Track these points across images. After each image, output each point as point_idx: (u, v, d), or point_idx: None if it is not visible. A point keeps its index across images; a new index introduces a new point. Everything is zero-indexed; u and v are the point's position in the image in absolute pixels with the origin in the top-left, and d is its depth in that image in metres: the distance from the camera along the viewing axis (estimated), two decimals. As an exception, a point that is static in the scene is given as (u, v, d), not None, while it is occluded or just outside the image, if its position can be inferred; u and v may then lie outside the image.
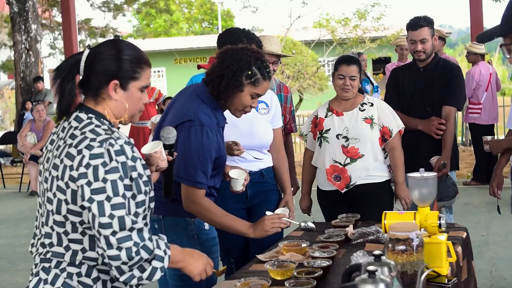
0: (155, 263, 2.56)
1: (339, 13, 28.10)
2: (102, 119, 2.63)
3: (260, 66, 3.54)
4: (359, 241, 3.81)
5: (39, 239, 2.67)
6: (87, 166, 2.47)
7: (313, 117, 5.11)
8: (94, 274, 2.59)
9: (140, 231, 2.51)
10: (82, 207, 2.50)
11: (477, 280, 4.14)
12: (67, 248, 2.57)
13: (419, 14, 5.65)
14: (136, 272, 2.52)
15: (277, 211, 4.05)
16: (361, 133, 4.85)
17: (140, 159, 2.60)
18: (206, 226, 3.70)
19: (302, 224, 3.75)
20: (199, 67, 4.89)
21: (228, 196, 4.02)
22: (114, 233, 2.45)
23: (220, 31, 34.12)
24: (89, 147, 2.49)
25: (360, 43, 19.57)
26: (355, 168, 4.84)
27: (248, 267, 3.55)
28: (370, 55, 20.37)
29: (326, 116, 5.02)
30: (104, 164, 2.47)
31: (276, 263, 3.30)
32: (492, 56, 25.95)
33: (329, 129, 4.95)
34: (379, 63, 24.27)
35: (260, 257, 3.65)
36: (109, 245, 2.45)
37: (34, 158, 12.33)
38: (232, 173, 3.85)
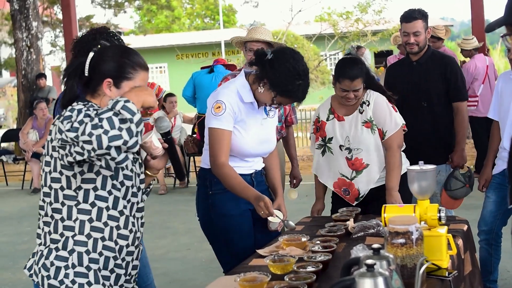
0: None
1: (340, 6, 28.02)
2: (93, 105, 2.92)
3: (107, 38, 3.78)
4: (359, 234, 3.80)
5: (41, 205, 2.95)
6: (72, 110, 2.75)
7: (316, 118, 4.85)
8: (87, 230, 2.87)
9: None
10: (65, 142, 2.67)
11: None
12: (62, 204, 2.86)
13: (415, 7, 5.60)
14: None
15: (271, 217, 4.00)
16: (362, 141, 4.62)
17: None
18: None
19: (290, 222, 3.93)
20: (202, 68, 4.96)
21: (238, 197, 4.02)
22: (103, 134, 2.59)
23: (222, 27, 34.25)
24: (73, 107, 2.79)
25: (361, 36, 19.55)
26: (362, 181, 4.64)
27: (248, 262, 3.54)
28: (372, 48, 20.36)
29: (327, 119, 4.77)
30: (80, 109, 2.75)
31: (276, 257, 3.29)
32: (494, 48, 25.86)
33: (331, 138, 4.72)
34: (381, 56, 24.23)
35: (260, 251, 3.64)
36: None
37: (36, 156, 12.34)
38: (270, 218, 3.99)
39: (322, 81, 24.35)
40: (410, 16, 5.51)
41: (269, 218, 3.95)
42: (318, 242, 3.60)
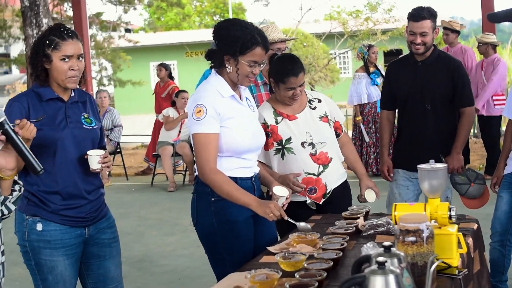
0: None
1: (350, 5, 28.00)
2: None
3: (55, 32, 3.73)
4: (369, 232, 3.81)
5: None
6: None
7: (261, 125, 4.37)
8: None
9: None
10: None
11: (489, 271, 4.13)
12: None
13: (425, 5, 5.34)
14: None
15: (278, 190, 3.97)
16: (325, 135, 4.57)
17: None
18: (39, 227, 3.73)
19: (302, 224, 3.83)
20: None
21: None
22: None
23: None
24: None
25: (371, 35, 19.54)
26: (329, 173, 4.56)
27: (258, 259, 3.55)
28: (382, 47, 20.34)
29: (277, 123, 4.56)
30: None
31: (286, 254, 3.31)
32: (504, 47, 25.79)
33: (289, 138, 4.52)
34: (391, 56, 24.19)
35: (271, 249, 3.65)
36: None
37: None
38: (276, 190, 3.95)
39: (332, 80, 24.34)
40: (419, 15, 5.25)
41: (276, 193, 3.92)
42: (328, 239, 3.62)
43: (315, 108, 4.65)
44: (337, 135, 4.71)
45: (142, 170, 13.56)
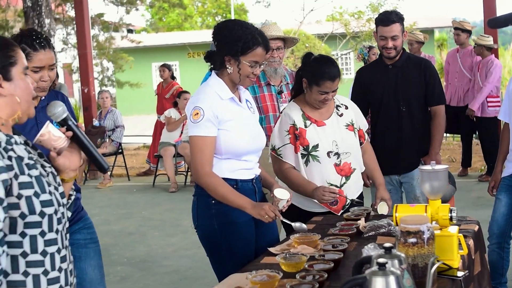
0: None
1: (352, 6, 28.09)
2: None
3: (27, 40, 3.50)
4: (370, 234, 3.81)
5: None
6: None
7: (290, 126, 4.44)
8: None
9: None
10: None
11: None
12: None
13: (390, 9, 5.46)
14: None
15: (278, 193, 3.92)
16: (350, 145, 4.51)
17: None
18: None
19: (297, 224, 3.81)
20: None
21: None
22: None
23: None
24: None
25: (373, 36, 19.55)
26: (350, 186, 4.49)
27: (259, 259, 3.56)
28: (383, 48, 20.36)
29: (306, 126, 4.45)
30: None
31: (287, 255, 3.31)
32: (506, 49, 25.78)
33: (316, 145, 4.43)
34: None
35: (272, 249, 3.66)
36: None
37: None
38: (277, 193, 3.90)
39: (333, 81, 24.31)
40: (388, 19, 5.34)
41: (277, 195, 3.87)
42: (329, 240, 3.63)
43: (341, 115, 4.56)
44: (360, 144, 4.64)
45: (143, 171, 13.58)
